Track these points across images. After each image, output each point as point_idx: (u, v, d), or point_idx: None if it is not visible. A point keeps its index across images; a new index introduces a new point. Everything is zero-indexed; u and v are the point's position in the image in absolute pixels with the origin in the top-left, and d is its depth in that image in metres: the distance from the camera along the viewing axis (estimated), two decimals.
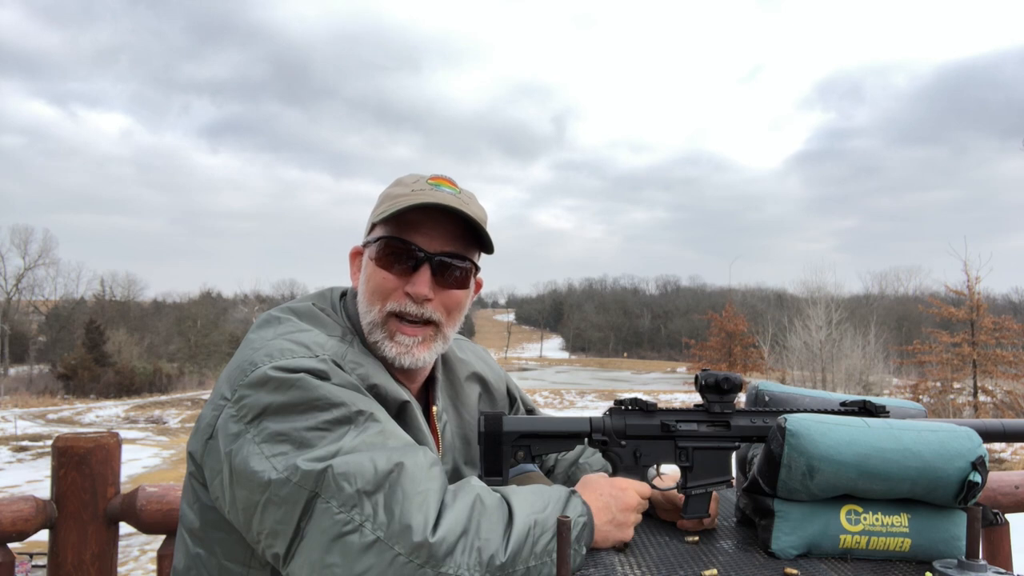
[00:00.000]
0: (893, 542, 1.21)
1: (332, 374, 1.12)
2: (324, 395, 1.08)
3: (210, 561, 1.15)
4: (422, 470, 1.04)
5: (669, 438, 1.32)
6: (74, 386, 44.28)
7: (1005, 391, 23.82)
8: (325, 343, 1.20)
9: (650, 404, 1.34)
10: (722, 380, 1.33)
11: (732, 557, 1.21)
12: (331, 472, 1.00)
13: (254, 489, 1.03)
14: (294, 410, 1.06)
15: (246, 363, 1.12)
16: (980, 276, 25.14)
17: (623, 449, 1.31)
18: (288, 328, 1.22)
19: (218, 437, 1.09)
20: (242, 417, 1.07)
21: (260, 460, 1.03)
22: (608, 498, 1.21)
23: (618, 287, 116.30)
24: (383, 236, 1.27)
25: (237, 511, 1.07)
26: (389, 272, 1.27)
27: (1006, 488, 2.27)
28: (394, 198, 1.28)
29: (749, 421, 1.33)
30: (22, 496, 1.83)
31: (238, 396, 1.09)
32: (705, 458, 1.32)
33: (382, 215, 1.26)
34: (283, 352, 1.13)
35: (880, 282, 71.80)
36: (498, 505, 1.06)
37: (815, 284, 36.02)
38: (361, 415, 1.09)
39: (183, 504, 1.20)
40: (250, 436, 1.05)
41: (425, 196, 1.25)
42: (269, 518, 1.03)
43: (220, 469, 1.08)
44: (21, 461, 21.20)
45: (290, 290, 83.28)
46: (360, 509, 0.99)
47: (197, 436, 1.14)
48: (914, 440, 1.20)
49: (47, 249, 60.48)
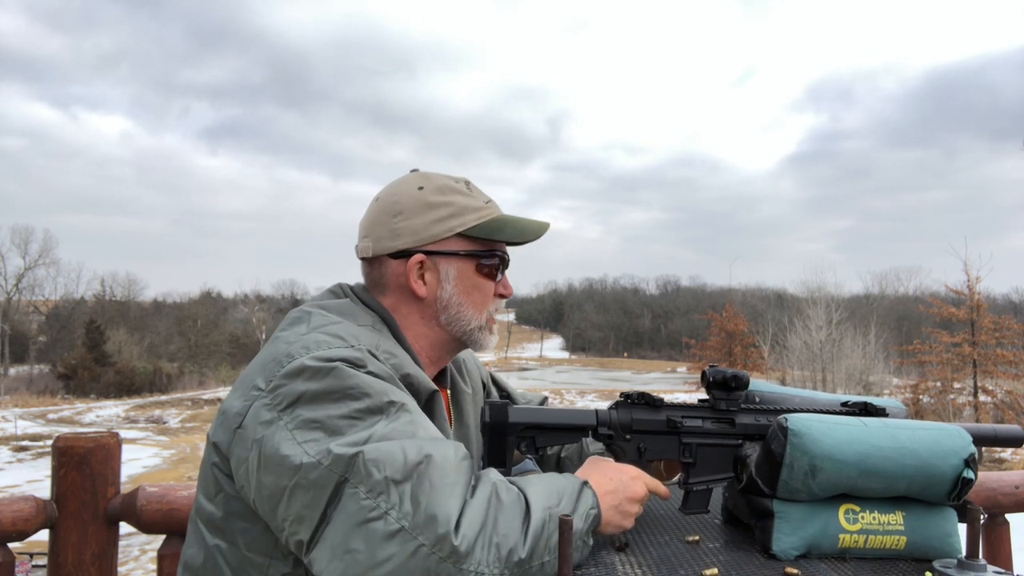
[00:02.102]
0: (890, 540, 1.22)
1: (368, 362, 1.14)
2: (358, 384, 1.09)
3: (231, 552, 1.14)
4: (451, 463, 1.04)
5: (674, 433, 1.32)
6: (74, 386, 44.28)
7: (1005, 391, 23.81)
8: (359, 333, 1.22)
9: (656, 399, 1.34)
10: (730, 378, 1.33)
11: (732, 557, 1.21)
12: (362, 458, 1.01)
13: (283, 474, 1.03)
14: (328, 398, 1.07)
15: (282, 355, 1.13)
16: (980, 276, 25.15)
17: (627, 443, 1.31)
18: (320, 322, 1.23)
19: (249, 425, 1.09)
20: (276, 405, 1.08)
21: (292, 445, 1.04)
22: (617, 483, 1.21)
23: (618, 287, 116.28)
24: (490, 251, 1.36)
25: (263, 498, 1.06)
26: (492, 280, 1.37)
27: (1006, 488, 2.27)
28: (476, 211, 1.35)
29: (754, 419, 1.33)
30: (22, 496, 1.83)
31: (274, 386, 1.10)
32: (708, 455, 1.32)
33: (503, 233, 1.35)
34: (319, 344, 1.15)
35: (880, 282, 71.80)
36: (516, 500, 1.06)
37: (815, 284, 36.05)
38: (393, 405, 1.09)
39: (200, 497, 1.19)
40: (283, 423, 1.06)
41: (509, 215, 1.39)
42: (296, 503, 1.03)
43: (248, 456, 1.08)
44: (21, 461, 21.20)
45: (290, 290, 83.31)
46: (387, 497, 0.99)
47: (224, 426, 1.14)
48: (909, 438, 1.21)
49: (47, 249, 60.52)
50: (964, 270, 25.15)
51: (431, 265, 1.33)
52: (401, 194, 1.34)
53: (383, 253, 1.33)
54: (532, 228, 1.39)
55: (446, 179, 1.37)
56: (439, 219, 1.32)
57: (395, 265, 1.34)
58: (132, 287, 69.55)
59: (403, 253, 1.32)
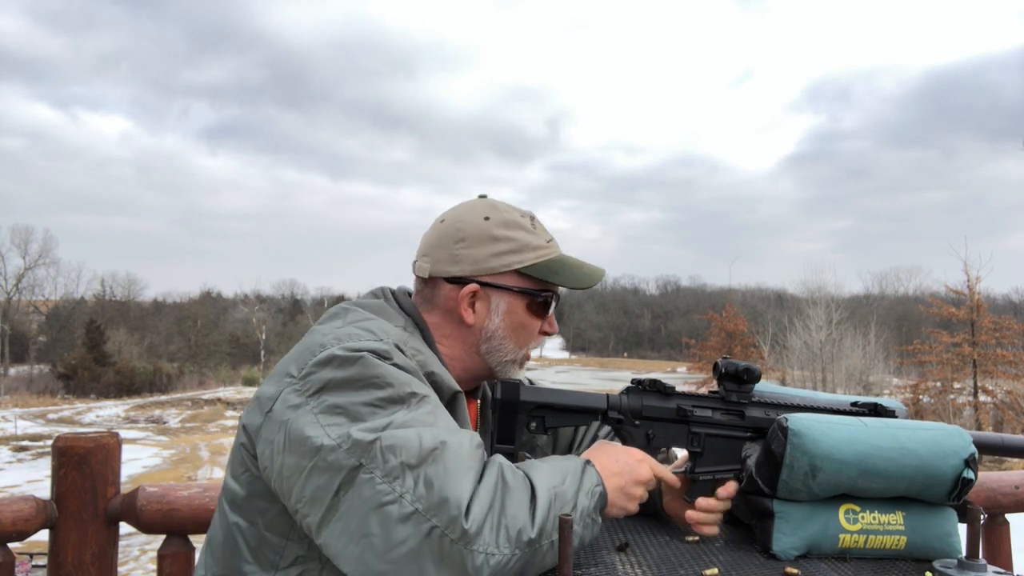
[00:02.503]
0: (890, 540, 1.22)
1: (394, 355, 1.18)
2: (382, 374, 1.13)
3: (250, 531, 1.18)
4: (465, 449, 1.07)
5: (683, 422, 1.32)
6: (74, 386, 44.28)
7: (1005, 391, 23.81)
8: (389, 330, 1.27)
9: (668, 387, 1.35)
10: (743, 370, 1.33)
11: (732, 557, 1.21)
12: (379, 444, 1.04)
13: (304, 454, 1.07)
14: (353, 385, 1.11)
15: (315, 345, 1.18)
16: (980, 276, 25.16)
17: (636, 429, 1.32)
18: (355, 317, 1.30)
19: (278, 408, 1.14)
20: (305, 391, 1.13)
21: (315, 428, 1.08)
22: (623, 465, 1.22)
23: (618, 287, 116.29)
24: (544, 291, 1.38)
25: (283, 478, 1.10)
26: (539, 319, 1.39)
27: (1006, 488, 2.27)
28: (536, 249, 1.37)
29: (763, 413, 1.34)
30: (22, 496, 1.83)
31: (305, 373, 1.14)
32: (716, 445, 1.33)
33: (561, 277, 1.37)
34: (350, 336, 1.20)
35: (880, 282, 71.74)
36: (522, 482, 1.08)
37: (815, 284, 36.05)
38: (414, 396, 1.13)
39: (227, 476, 1.24)
40: (309, 407, 1.11)
41: (569, 256, 1.41)
42: (311, 484, 1.06)
43: (274, 438, 1.12)
44: (21, 461, 21.20)
45: (290, 290, 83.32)
46: (402, 481, 1.02)
47: (256, 409, 1.19)
48: (910, 438, 1.21)
49: (47, 249, 60.50)
50: (964, 270, 25.16)
51: (483, 296, 1.36)
52: (466, 221, 1.36)
53: (440, 276, 1.36)
54: (588, 275, 1.40)
55: (513, 212, 1.39)
56: (500, 253, 1.35)
57: (448, 289, 1.36)
58: (132, 287, 69.58)
59: (459, 279, 1.35)
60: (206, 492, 1.90)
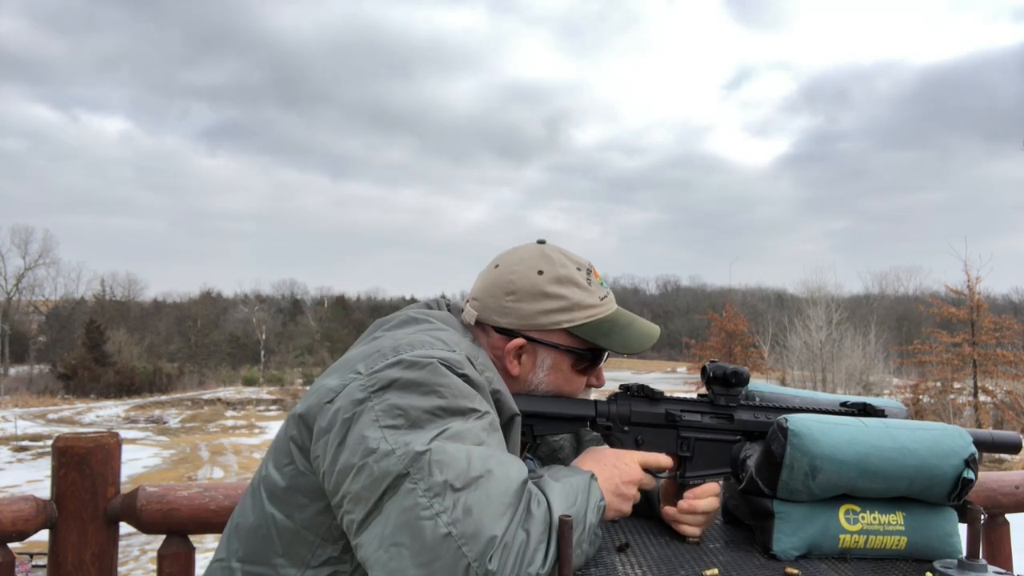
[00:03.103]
0: (890, 540, 1.22)
1: (465, 367, 1.17)
2: (448, 384, 1.13)
3: (285, 524, 1.17)
4: (512, 484, 1.06)
5: (672, 427, 1.33)
6: (74, 386, 44.27)
7: (1006, 391, 23.80)
8: (460, 342, 1.26)
9: (656, 392, 1.35)
10: (731, 373, 1.33)
11: (732, 557, 1.21)
12: (429, 456, 1.04)
13: (357, 452, 1.07)
14: (418, 389, 1.11)
15: (388, 349, 1.18)
16: (980, 276, 25.15)
17: (625, 435, 1.32)
18: (428, 327, 1.29)
19: (340, 401, 1.13)
20: (370, 387, 1.12)
21: (373, 428, 1.08)
22: (613, 468, 1.23)
23: (618, 287, 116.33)
24: (592, 349, 1.36)
25: (334, 472, 1.10)
26: (584, 376, 1.37)
27: (1006, 488, 2.27)
28: (588, 308, 1.34)
29: (752, 416, 1.34)
30: (22, 496, 1.83)
31: (373, 371, 1.14)
32: (706, 449, 1.33)
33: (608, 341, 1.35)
34: (424, 343, 1.20)
35: (880, 282, 71.67)
36: (544, 516, 1.07)
37: (815, 284, 36.05)
38: (475, 412, 1.13)
39: (269, 466, 1.23)
40: (371, 404, 1.11)
41: (622, 317, 1.38)
42: (359, 482, 1.06)
43: (331, 429, 1.12)
44: (21, 461, 21.19)
45: (290, 290, 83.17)
46: (442, 499, 1.02)
47: (315, 400, 1.18)
48: (910, 438, 1.21)
49: (47, 249, 60.47)
50: (964, 270, 25.16)
51: (530, 350, 1.35)
52: (519, 274, 1.35)
53: (488, 324, 1.37)
54: (639, 338, 1.37)
55: (568, 265, 1.37)
56: (549, 311, 1.33)
57: (496, 338, 1.36)
58: (132, 287, 69.57)
59: (507, 331, 1.35)
60: (206, 492, 1.90)
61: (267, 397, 39.95)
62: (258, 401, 38.85)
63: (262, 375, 50.49)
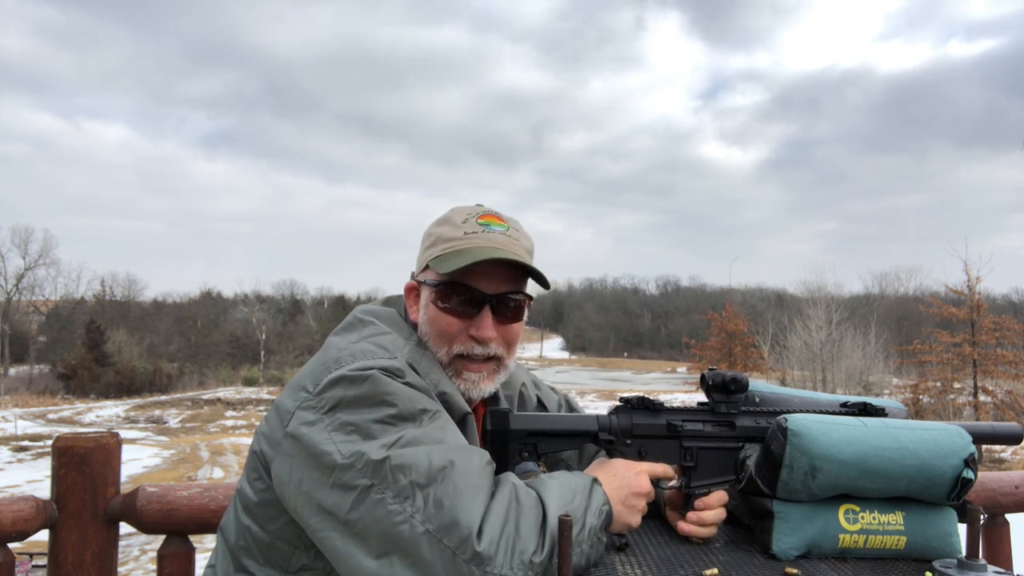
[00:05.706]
0: (890, 540, 1.22)
1: (406, 373, 1.20)
2: (393, 391, 1.15)
3: (259, 535, 1.22)
4: (475, 468, 1.08)
5: (675, 437, 1.32)
6: (74, 386, 44.26)
7: (1005, 391, 23.80)
8: (403, 346, 1.30)
9: (656, 403, 1.34)
10: (729, 381, 1.33)
11: (732, 557, 1.21)
12: (389, 463, 1.06)
13: (319, 471, 1.10)
14: (364, 403, 1.14)
15: (331, 362, 1.21)
16: (980, 276, 25.15)
17: (628, 448, 1.31)
18: (370, 331, 1.32)
19: (294, 424, 1.16)
20: (319, 408, 1.15)
21: (329, 445, 1.10)
22: (622, 479, 1.23)
23: (618, 287, 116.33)
24: (444, 282, 1.34)
25: (300, 492, 1.12)
26: (453, 317, 1.34)
27: (1006, 488, 2.27)
28: (447, 241, 1.35)
29: (753, 421, 1.33)
30: (22, 496, 1.83)
31: (319, 390, 1.17)
32: (709, 458, 1.32)
33: (443, 264, 1.32)
34: (364, 353, 1.22)
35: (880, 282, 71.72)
36: (534, 503, 1.09)
37: (815, 284, 36.06)
38: (425, 413, 1.15)
39: (243, 480, 1.28)
40: (324, 424, 1.13)
41: (480, 243, 1.33)
42: (327, 501, 1.08)
43: (291, 452, 1.15)
44: (21, 461, 21.19)
45: (290, 290, 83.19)
46: (412, 501, 1.03)
47: (275, 420, 1.21)
48: (910, 439, 1.21)
49: (47, 249, 60.55)
50: (964, 270, 25.17)
51: (417, 292, 1.41)
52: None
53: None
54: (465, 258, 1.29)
55: (459, 209, 1.42)
56: (423, 249, 1.41)
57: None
58: (132, 287, 69.62)
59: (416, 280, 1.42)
60: (206, 492, 1.90)
61: (267, 397, 39.93)
62: (258, 401, 38.83)
63: (262, 375, 50.48)
